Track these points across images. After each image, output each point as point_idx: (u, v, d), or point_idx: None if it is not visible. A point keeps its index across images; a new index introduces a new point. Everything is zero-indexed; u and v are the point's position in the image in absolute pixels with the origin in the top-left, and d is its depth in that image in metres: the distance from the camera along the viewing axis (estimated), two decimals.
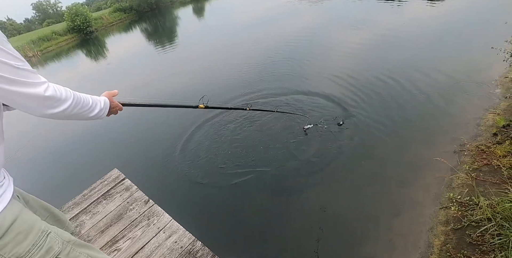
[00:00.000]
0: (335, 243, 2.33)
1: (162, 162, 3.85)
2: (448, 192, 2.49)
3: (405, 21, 7.12)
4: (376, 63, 5.16)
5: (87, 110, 1.12)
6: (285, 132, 3.76)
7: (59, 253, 1.04)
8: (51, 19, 58.90)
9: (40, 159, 5.13)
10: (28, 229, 0.98)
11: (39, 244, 0.99)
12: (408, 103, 3.80)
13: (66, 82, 11.30)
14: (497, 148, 2.68)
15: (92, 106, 1.15)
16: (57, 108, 0.98)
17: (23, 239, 0.95)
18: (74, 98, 1.04)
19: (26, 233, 0.97)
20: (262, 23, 11.24)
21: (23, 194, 1.23)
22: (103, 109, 1.23)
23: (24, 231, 0.97)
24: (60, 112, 0.99)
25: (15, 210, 0.99)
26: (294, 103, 4.33)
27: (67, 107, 1.01)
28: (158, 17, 26.57)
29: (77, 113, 1.07)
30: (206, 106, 1.97)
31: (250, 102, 2.34)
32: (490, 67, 4.10)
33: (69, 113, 1.03)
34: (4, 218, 0.93)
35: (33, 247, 0.96)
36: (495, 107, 3.30)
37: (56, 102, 0.97)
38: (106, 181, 2.60)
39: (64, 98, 1.00)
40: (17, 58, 0.88)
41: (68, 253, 1.08)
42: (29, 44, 23.10)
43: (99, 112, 1.20)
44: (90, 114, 1.15)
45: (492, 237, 1.96)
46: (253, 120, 4.13)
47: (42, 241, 1.00)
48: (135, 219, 2.17)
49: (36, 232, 1.00)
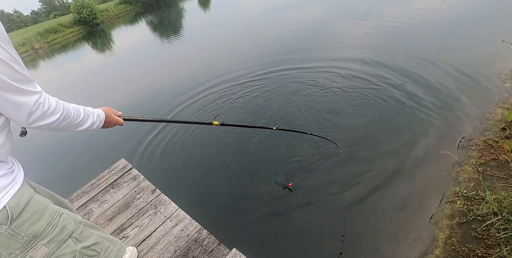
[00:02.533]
0: (339, 235, 2.34)
1: (168, 153, 3.89)
2: (454, 186, 2.48)
3: (413, 12, 6.98)
4: (382, 55, 5.09)
5: (76, 124, 1.09)
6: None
7: (73, 232, 1.07)
8: (58, 11, 59.09)
9: (48, 149, 5.21)
10: (43, 209, 1.01)
11: (54, 223, 1.01)
12: (416, 96, 3.75)
13: (73, 73, 11.40)
14: (505, 142, 2.65)
15: (83, 119, 1.11)
16: (43, 121, 0.95)
17: (39, 218, 0.98)
18: (63, 112, 1.00)
19: (41, 213, 0.99)
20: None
21: (29, 182, 1.26)
22: (96, 123, 1.19)
23: (40, 210, 0.99)
24: (45, 125, 0.97)
25: (29, 192, 1.01)
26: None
27: (54, 121, 0.98)
28: (163, 9, 26.44)
29: (64, 126, 1.04)
30: (221, 123, 1.79)
31: (278, 122, 2.24)
32: (500, 61, 4.02)
33: (56, 126, 1.00)
34: (20, 197, 0.95)
35: (48, 226, 0.99)
36: (504, 102, 3.25)
37: (43, 115, 0.93)
38: (114, 170, 2.64)
39: (52, 111, 0.96)
40: (17, 62, 0.85)
41: (81, 232, 1.12)
42: (36, 36, 23.24)
43: (91, 126, 1.16)
44: (78, 128, 1.11)
45: (498, 232, 1.95)
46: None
47: (56, 220, 1.03)
48: (142, 207, 2.20)
49: (50, 211, 1.03)
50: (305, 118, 3.88)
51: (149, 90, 6.70)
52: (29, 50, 22.02)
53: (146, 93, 6.60)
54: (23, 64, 0.88)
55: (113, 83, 8.51)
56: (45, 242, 0.98)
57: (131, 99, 6.56)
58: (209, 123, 1.78)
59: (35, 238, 0.96)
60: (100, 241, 1.20)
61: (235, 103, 4.72)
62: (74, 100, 1.16)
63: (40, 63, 16.79)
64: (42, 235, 0.98)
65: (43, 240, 0.98)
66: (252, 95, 4.81)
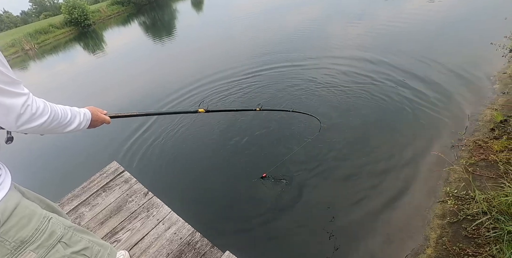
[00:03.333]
0: (331, 235, 2.35)
1: (161, 155, 3.86)
2: (445, 186, 2.51)
3: (404, 15, 7.08)
4: (371, 57, 5.15)
5: (64, 125, 1.07)
6: (291, 128, 3.78)
7: (62, 237, 1.05)
8: (48, 12, 58.33)
9: (38, 152, 5.12)
10: (31, 214, 0.99)
11: (42, 228, 0.99)
12: (406, 97, 3.80)
13: (64, 75, 11.26)
14: (494, 143, 2.70)
15: (71, 120, 1.10)
16: (31, 123, 0.93)
17: (26, 223, 0.96)
18: (51, 113, 0.99)
19: (29, 218, 0.97)
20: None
21: (17, 187, 1.23)
22: (83, 122, 1.17)
23: (27, 215, 0.97)
24: (35, 127, 0.94)
25: (17, 197, 0.99)
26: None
27: (43, 123, 0.96)
28: (156, 10, 26.30)
29: (53, 128, 1.02)
30: (206, 110, 1.84)
31: (261, 103, 2.30)
32: (489, 63, 4.10)
33: (44, 128, 0.98)
34: (7, 203, 0.93)
35: (36, 232, 0.97)
36: (493, 103, 3.31)
37: (32, 117, 0.92)
38: (106, 173, 2.61)
39: (41, 113, 0.95)
40: (2, 63, 0.83)
41: (71, 237, 1.10)
42: (26, 37, 22.87)
43: (78, 126, 1.15)
44: (67, 128, 1.10)
45: (488, 231, 1.98)
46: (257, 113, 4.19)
47: (44, 225, 1.01)
48: (135, 211, 2.18)
49: (38, 217, 1.01)
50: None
51: (142, 91, 6.67)
52: (19, 51, 21.66)
53: (139, 93, 6.56)
54: (8, 66, 0.86)
55: (105, 84, 8.44)
56: (33, 247, 0.96)
57: (123, 100, 6.52)
58: (194, 111, 1.81)
59: (23, 244, 0.94)
60: (90, 245, 1.18)
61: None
62: (65, 102, 1.15)
63: (30, 64, 16.53)
64: (30, 241, 0.96)
65: (32, 245, 0.96)
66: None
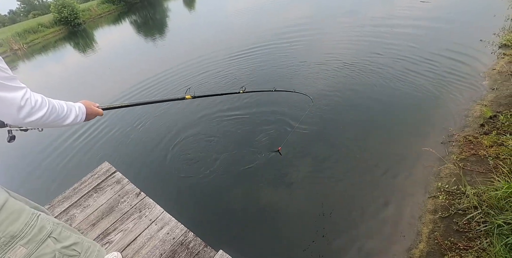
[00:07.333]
0: (324, 232, 2.36)
1: (153, 154, 3.83)
2: (436, 181, 2.54)
3: (395, 12, 7.12)
4: (362, 54, 5.18)
5: (62, 118, 1.10)
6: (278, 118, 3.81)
7: (52, 232, 1.06)
8: (37, 11, 57.34)
9: (25, 153, 5.02)
10: (20, 209, 1.00)
11: (32, 224, 1.01)
12: (396, 94, 3.83)
13: (54, 75, 11.09)
14: (484, 138, 2.73)
15: (67, 113, 1.13)
16: (33, 116, 0.96)
17: (16, 218, 0.97)
18: (49, 105, 1.02)
19: (19, 213, 0.99)
20: None
21: (4, 188, 1.22)
22: (79, 116, 1.21)
23: (17, 210, 0.99)
24: (36, 119, 0.97)
25: (4, 194, 1.00)
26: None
27: (43, 115, 0.99)
28: (148, 9, 26.03)
29: (52, 120, 1.05)
30: (193, 96, 1.87)
31: (244, 86, 2.29)
32: (478, 59, 4.15)
33: (45, 121, 1.01)
34: None
35: (26, 227, 0.98)
36: (483, 99, 3.36)
37: (32, 109, 0.95)
38: (97, 174, 2.57)
39: (40, 106, 0.98)
40: (0, 60, 0.85)
41: (60, 233, 1.11)
42: (15, 36, 22.42)
43: (75, 119, 1.18)
44: (65, 121, 1.13)
45: (478, 225, 2.02)
46: (244, 107, 4.22)
47: (33, 221, 1.02)
48: (127, 211, 2.16)
49: (27, 212, 1.02)
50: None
51: (134, 90, 6.59)
52: (7, 51, 21.19)
53: (132, 92, 6.49)
54: (4, 62, 0.89)
55: (95, 82, 8.35)
56: (23, 242, 0.97)
57: (115, 97, 6.44)
58: (182, 98, 1.85)
59: (13, 239, 0.95)
60: (80, 241, 1.19)
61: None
62: (56, 99, 1.15)
63: (19, 64, 16.19)
64: (20, 236, 0.96)
65: (22, 240, 0.97)
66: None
